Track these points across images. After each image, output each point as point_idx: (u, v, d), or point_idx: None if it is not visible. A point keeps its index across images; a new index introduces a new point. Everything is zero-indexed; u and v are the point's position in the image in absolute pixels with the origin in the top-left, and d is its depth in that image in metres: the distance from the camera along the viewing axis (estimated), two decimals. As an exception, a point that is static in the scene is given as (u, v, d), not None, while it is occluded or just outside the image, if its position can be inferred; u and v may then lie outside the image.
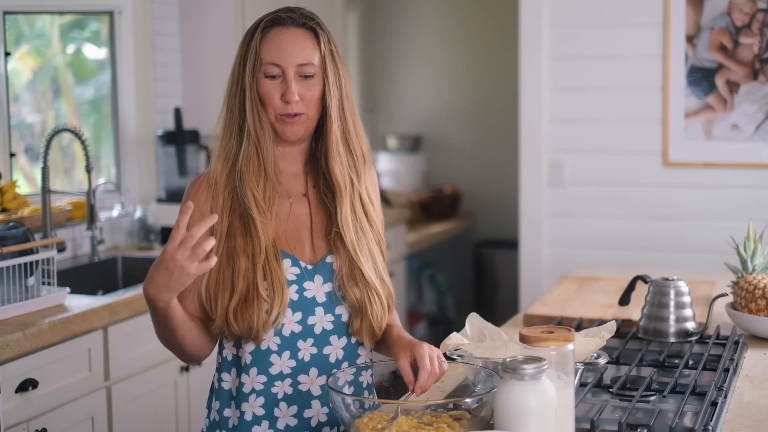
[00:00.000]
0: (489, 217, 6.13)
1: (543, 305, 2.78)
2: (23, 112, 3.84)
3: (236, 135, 1.85)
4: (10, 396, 2.54)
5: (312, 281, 1.85)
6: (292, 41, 1.82)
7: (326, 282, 1.86)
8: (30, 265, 2.80)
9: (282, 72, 1.81)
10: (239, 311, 1.80)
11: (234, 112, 1.85)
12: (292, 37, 1.82)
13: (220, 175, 1.85)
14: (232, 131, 1.85)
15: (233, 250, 1.81)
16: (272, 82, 1.82)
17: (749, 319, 2.42)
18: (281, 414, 1.85)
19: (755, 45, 3.80)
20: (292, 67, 1.81)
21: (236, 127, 1.84)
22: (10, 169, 3.53)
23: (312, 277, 1.85)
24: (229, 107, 1.86)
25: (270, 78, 1.82)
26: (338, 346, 1.88)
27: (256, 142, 1.83)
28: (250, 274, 1.80)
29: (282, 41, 1.82)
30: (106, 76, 3.98)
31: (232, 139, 1.85)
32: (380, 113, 6.34)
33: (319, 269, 1.86)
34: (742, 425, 1.82)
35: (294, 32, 1.83)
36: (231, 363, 1.89)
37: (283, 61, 1.81)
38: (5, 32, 3.54)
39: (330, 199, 1.89)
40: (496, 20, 5.98)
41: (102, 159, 4.02)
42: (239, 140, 1.84)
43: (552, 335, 1.57)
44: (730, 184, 3.89)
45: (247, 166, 1.83)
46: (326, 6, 4.81)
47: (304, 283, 1.85)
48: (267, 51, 1.82)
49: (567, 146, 4.10)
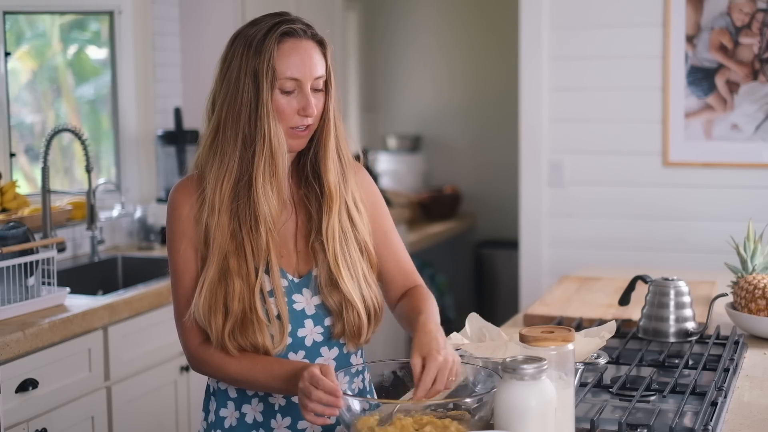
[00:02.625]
0: (489, 217, 6.13)
1: (543, 305, 2.78)
2: (23, 112, 3.84)
3: (240, 149, 1.79)
4: (10, 396, 2.54)
5: (300, 294, 1.85)
6: (309, 55, 1.80)
7: (315, 295, 1.86)
8: (30, 265, 2.80)
9: (298, 86, 1.79)
10: (237, 334, 1.78)
11: (239, 125, 1.78)
12: (308, 50, 1.80)
13: (223, 191, 1.80)
14: (236, 145, 1.79)
15: (225, 272, 1.79)
16: (287, 96, 1.79)
17: (749, 319, 2.42)
18: (276, 425, 1.87)
19: (755, 45, 3.80)
20: (309, 81, 1.80)
21: (239, 140, 1.79)
22: (10, 169, 3.53)
23: (300, 289, 1.85)
24: (231, 120, 1.79)
25: (285, 93, 1.79)
26: (329, 357, 1.88)
27: (274, 157, 1.78)
28: (246, 297, 1.78)
29: (301, 55, 1.79)
30: (106, 76, 3.98)
31: (235, 152, 1.79)
32: (380, 113, 6.34)
33: (305, 282, 1.86)
34: (742, 425, 1.82)
35: (307, 45, 1.81)
36: None
37: (303, 76, 1.79)
38: (5, 32, 3.54)
39: (314, 206, 1.88)
40: (495, 20, 5.98)
41: (102, 159, 4.02)
42: (246, 154, 1.79)
43: (552, 335, 1.57)
44: (730, 184, 3.89)
45: (264, 180, 1.79)
46: (326, 6, 4.81)
47: (292, 295, 1.84)
48: (285, 65, 1.78)
49: (567, 146, 4.10)
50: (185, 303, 1.84)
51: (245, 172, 1.79)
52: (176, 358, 3.20)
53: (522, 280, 4.20)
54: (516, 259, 4.28)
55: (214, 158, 1.81)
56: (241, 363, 1.79)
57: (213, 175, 1.81)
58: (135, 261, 3.69)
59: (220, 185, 1.80)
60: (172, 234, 1.85)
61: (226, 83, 1.80)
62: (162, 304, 3.14)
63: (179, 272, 1.84)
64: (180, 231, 1.84)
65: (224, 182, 1.79)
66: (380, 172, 5.89)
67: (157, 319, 3.12)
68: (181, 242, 1.84)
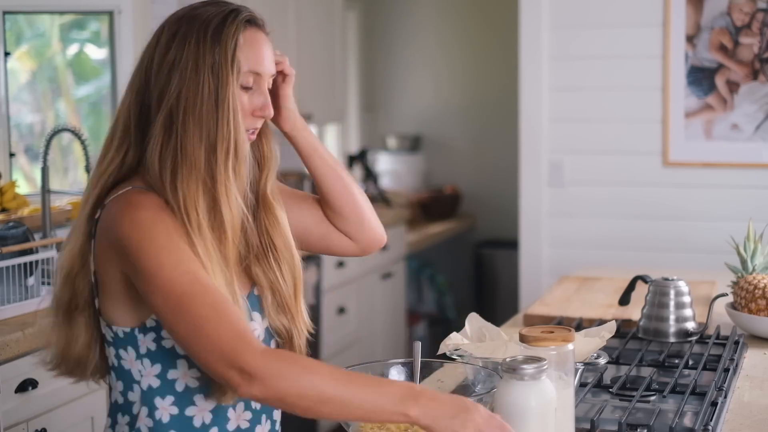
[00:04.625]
0: (489, 217, 6.13)
1: (543, 305, 2.78)
2: (23, 112, 3.84)
3: (205, 152, 1.51)
4: (10, 396, 2.54)
5: (252, 317, 1.60)
6: (268, 47, 1.60)
7: (264, 317, 1.63)
8: (30, 265, 2.79)
9: (256, 82, 1.57)
10: None
11: (201, 125, 1.51)
12: (267, 42, 1.59)
13: (200, 204, 1.51)
14: (201, 148, 1.51)
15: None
16: (244, 92, 1.56)
17: (749, 319, 2.42)
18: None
19: (755, 45, 3.80)
20: (268, 78, 1.60)
21: (204, 142, 1.51)
22: (9, 169, 3.53)
23: (251, 311, 1.60)
24: (191, 118, 1.51)
25: (243, 89, 1.56)
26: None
27: (239, 159, 1.54)
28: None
29: (262, 47, 1.58)
30: (106, 76, 3.98)
31: (201, 156, 1.51)
32: (380, 113, 6.34)
33: (252, 303, 1.62)
34: (742, 425, 1.82)
35: (264, 37, 1.59)
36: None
37: (265, 71, 1.58)
38: (5, 32, 3.54)
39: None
40: (495, 20, 5.98)
41: (102, 159, 4.02)
42: (212, 158, 1.51)
43: (552, 335, 1.57)
44: (730, 184, 3.89)
45: (229, 185, 1.53)
46: (326, 6, 4.81)
47: (249, 321, 1.57)
48: (246, 57, 1.54)
49: (567, 146, 4.10)
50: (222, 299, 1.47)
51: (211, 176, 1.51)
52: (176, 358, 3.20)
53: (522, 280, 4.20)
54: (516, 259, 4.28)
55: (175, 163, 1.51)
56: (334, 373, 1.43)
57: (182, 184, 1.51)
58: (135, 261, 3.68)
59: (194, 198, 1.51)
60: (164, 242, 1.48)
61: (178, 73, 1.52)
62: (162, 304, 3.13)
63: (193, 274, 1.48)
64: (176, 237, 1.49)
65: (198, 193, 1.51)
66: (380, 172, 5.89)
67: (157, 319, 3.12)
68: (181, 250, 1.49)
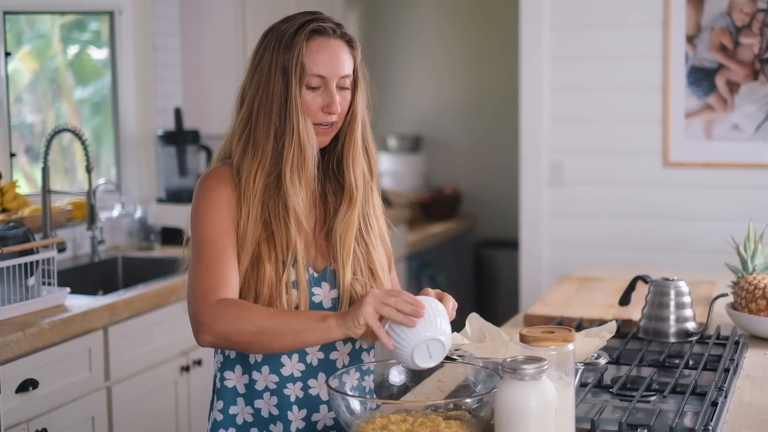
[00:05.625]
0: (489, 217, 6.12)
1: (543, 305, 2.78)
2: (24, 113, 3.84)
3: (273, 141, 1.84)
4: (10, 396, 2.54)
5: (319, 287, 1.88)
6: (337, 54, 1.85)
7: (333, 288, 1.89)
8: (30, 265, 2.80)
9: (323, 83, 1.84)
10: None
11: (271, 118, 1.84)
12: (335, 49, 1.85)
13: (256, 182, 1.84)
14: (268, 137, 1.84)
15: (257, 258, 1.83)
16: (312, 92, 1.84)
17: (749, 319, 2.42)
18: (293, 417, 1.87)
19: (755, 45, 3.80)
20: (335, 79, 1.85)
21: (272, 132, 1.84)
22: (10, 169, 3.53)
23: (319, 282, 1.89)
24: (263, 113, 1.84)
25: (310, 89, 1.84)
26: (344, 352, 1.90)
27: (303, 150, 1.83)
28: (274, 284, 1.82)
29: (329, 54, 1.84)
30: (107, 76, 3.98)
31: (268, 145, 1.84)
32: (380, 113, 6.34)
33: (324, 276, 1.89)
34: (743, 425, 1.82)
35: (336, 44, 1.86)
36: (234, 361, 1.89)
37: (329, 74, 1.84)
38: (6, 32, 3.54)
39: (335, 202, 1.92)
40: (496, 20, 5.98)
41: (102, 159, 4.02)
42: (277, 147, 1.84)
43: (552, 335, 1.57)
44: (730, 184, 3.89)
45: (293, 174, 1.83)
46: (326, 6, 4.81)
47: (312, 287, 1.87)
48: (313, 62, 1.83)
49: (567, 146, 4.10)
50: (217, 256, 1.80)
51: (276, 164, 1.84)
52: (177, 358, 3.20)
53: (522, 280, 4.20)
54: (516, 259, 4.28)
55: (246, 149, 1.86)
56: (269, 310, 1.76)
57: (246, 166, 1.84)
58: (135, 261, 3.69)
59: (254, 177, 1.83)
60: (206, 207, 1.83)
61: (258, 76, 1.85)
62: (162, 304, 3.14)
63: (212, 235, 1.81)
64: (217, 206, 1.83)
65: (257, 174, 1.83)
66: (380, 172, 5.88)
67: (158, 319, 3.12)
68: (217, 214, 1.82)
